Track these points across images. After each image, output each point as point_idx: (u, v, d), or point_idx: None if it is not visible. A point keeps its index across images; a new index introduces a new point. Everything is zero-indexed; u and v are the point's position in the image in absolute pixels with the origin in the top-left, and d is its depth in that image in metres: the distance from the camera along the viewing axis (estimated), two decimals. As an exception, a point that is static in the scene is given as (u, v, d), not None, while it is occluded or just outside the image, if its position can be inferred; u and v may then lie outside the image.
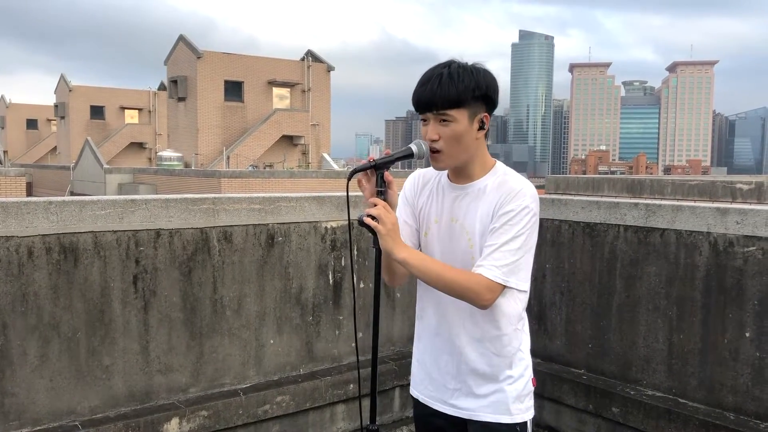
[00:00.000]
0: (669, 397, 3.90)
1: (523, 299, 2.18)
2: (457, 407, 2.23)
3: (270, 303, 4.08)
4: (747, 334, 3.58)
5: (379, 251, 2.07)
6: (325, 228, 4.30)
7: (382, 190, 2.04)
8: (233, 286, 3.93)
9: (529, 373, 2.24)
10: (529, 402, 2.24)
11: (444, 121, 2.02)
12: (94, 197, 3.57)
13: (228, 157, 34.67)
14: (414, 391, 2.40)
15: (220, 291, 3.89)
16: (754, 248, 3.55)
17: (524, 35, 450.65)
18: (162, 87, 47.94)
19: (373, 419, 2.15)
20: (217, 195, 4.00)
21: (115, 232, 3.52)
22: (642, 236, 4.05)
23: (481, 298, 2.01)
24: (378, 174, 2.03)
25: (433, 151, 2.07)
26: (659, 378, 3.99)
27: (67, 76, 50.73)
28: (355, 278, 4.46)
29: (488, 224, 2.06)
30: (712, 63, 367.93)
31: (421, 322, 2.34)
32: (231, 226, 3.91)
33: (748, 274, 3.58)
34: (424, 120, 2.07)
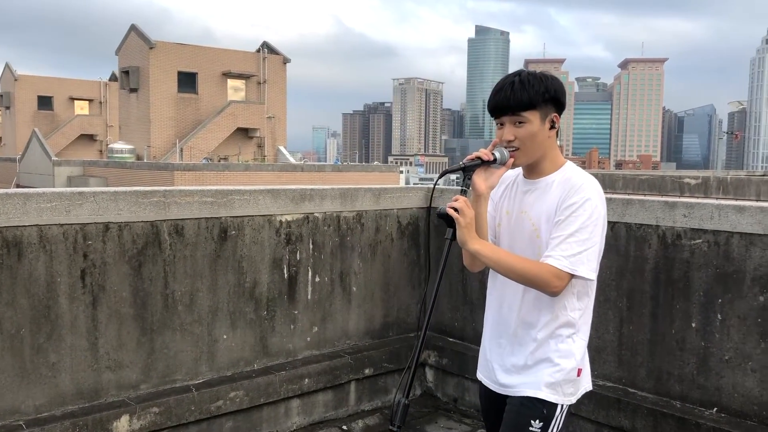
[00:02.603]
0: (619, 387, 3.99)
1: (586, 289, 2.31)
2: (504, 387, 2.40)
3: (223, 298, 4.02)
4: (693, 325, 3.68)
5: (450, 242, 2.21)
6: (280, 222, 4.26)
7: (466, 190, 2.25)
8: (185, 280, 3.86)
9: (576, 363, 2.32)
10: (570, 389, 2.31)
11: (519, 122, 2.24)
12: (39, 189, 3.46)
13: (181, 150, 34.09)
14: (479, 375, 2.57)
15: (172, 286, 3.81)
16: (701, 241, 3.64)
17: (480, 30, 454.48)
18: (113, 77, 46.88)
19: (407, 393, 2.21)
20: (168, 188, 3.91)
21: (61, 225, 3.42)
22: (593, 229, 4.11)
23: (550, 285, 2.16)
24: (465, 175, 2.25)
25: (511, 150, 2.27)
26: (610, 368, 4.07)
27: (12, 65, 49.17)
28: (311, 272, 4.42)
29: (552, 217, 2.22)
30: (662, 61, 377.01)
31: (487, 309, 2.52)
32: (182, 219, 3.84)
33: (694, 266, 3.67)
34: (501, 124, 2.28)
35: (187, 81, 35.64)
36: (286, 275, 4.31)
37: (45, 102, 48.86)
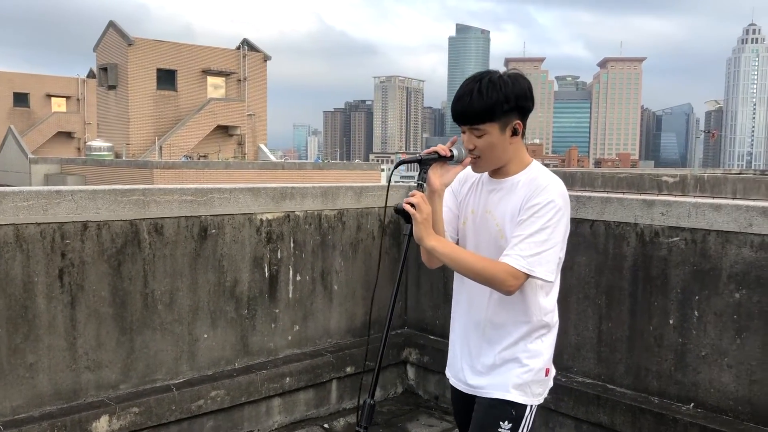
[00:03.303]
0: (598, 384, 4.02)
1: (550, 292, 2.31)
2: (473, 387, 2.38)
3: (203, 297, 4.00)
4: (671, 321, 3.72)
5: (409, 238, 2.19)
6: (261, 220, 4.24)
7: (422, 184, 2.21)
8: (165, 279, 3.84)
9: (544, 363, 2.31)
10: (538, 389, 2.31)
11: (478, 135, 2.20)
12: (16, 188, 3.42)
13: (161, 148, 33.83)
14: (447, 373, 2.55)
15: (151, 285, 3.78)
16: (678, 238, 3.69)
17: (461, 29, 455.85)
18: (91, 74, 46.38)
19: (372, 394, 2.19)
20: (147, 186, 3.89)
21: (39, 224, 3.38)
22: (573, 227, 4.13)
23: (505, 284, 2.12)
24: (421, 169, 2.22)
25: (473, 157, 2.25)
26: (589, 365, 4.10)
27: (-12, 61, 48.53)
28: (292, 271, 4.41)
29: (516, 217, 2.19)
30: (641, 60, 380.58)
31: (455, 309, 2.50)
32: (162, 218, 3.81)
33: (672, 264, 3.71)
34: (463, 130, 2.26)
35: (167, 78, 35.39)
36: (267, 274, 4.29)
37: (21, 99, 48.23)
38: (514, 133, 2.22)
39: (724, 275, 3.51)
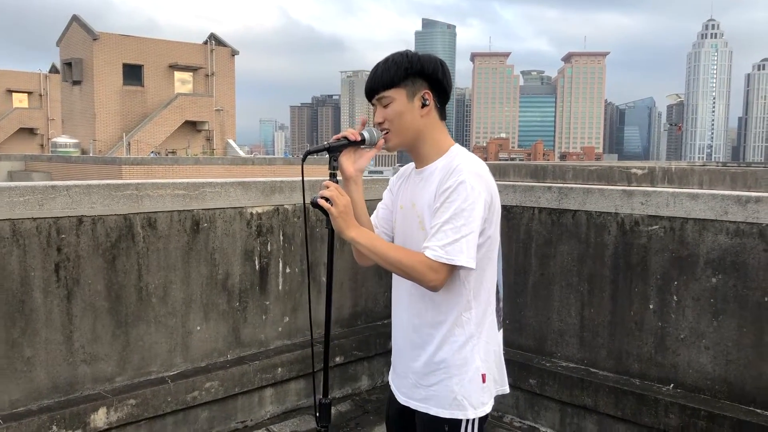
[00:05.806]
0: (581, 368, 4.18)
1: (472, 282, 2.08)
2: (407, 397, 2.23)
3: (196, 289, 4.05)
4: (651, 306, 3.89)
5: (332, 231, 2.08)
6: (251, 213, 4.30)
7: (334, 173, 2.09)
8: (158, 273, 3.88)
9: (476, 369, 2.09)
10: (478, 399, 2.10)
11: (385, 103, 2.10)
12: (12, 183, 3.43)
13: (128, 144, 33.39)
14: (389, 378, 2.42)
15: (145, 278, 3.82)
16: (657, 227, 3.85)
17: (427, 23, 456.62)
18: (54, 69, 45.50)
19: (325, 393, 2.20)
20: (140, 181, 3.92)
21: (34, 219, 3.40)
22: (555, 217, 4.29)
23: (426, 278, 1.97)
24: (331, 157, 2.07)
25: (384, 132, 2.13)
26: (572, 350, 4.26)
27: (-54, 56, 47.31)
28: (281, 263, 4.48)
29: (433, 205, 2.05)
30: (604, 54, 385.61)
31: (392, 309, 2.37)
32: (155, 212, 3.85)
33: (651, 251, 3.87)
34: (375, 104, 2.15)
35: (133, 73, 34.92)
36: (257, 267, 4.35)
37: (-19, 94, 47.09)
38: (424, 104, 2.09)
39: (702, 261, 3.68)
